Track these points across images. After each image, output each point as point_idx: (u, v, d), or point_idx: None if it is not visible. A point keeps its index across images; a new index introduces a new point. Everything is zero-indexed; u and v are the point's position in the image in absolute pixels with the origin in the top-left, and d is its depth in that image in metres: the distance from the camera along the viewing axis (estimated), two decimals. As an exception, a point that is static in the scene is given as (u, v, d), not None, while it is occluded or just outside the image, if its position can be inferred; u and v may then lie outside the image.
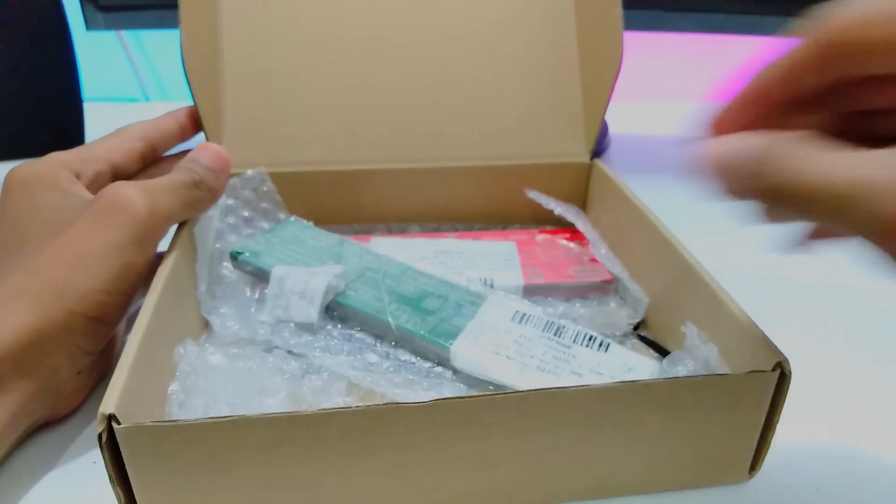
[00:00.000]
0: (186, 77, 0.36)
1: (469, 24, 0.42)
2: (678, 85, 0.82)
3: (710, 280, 0.28)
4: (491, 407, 0.22)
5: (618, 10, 0.40)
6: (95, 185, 0.30)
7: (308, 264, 0.34)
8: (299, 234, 0.37)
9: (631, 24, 0.40)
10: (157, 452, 0.21)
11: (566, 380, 0.28)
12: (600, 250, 0.38)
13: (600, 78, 0.41)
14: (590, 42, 0.42)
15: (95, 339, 0.27)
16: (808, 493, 0.26)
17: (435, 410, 0.22)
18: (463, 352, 0.30)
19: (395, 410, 0.22)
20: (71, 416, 0.29)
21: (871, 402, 0.31)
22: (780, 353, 0.24)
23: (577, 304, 0.37)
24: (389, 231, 0.43)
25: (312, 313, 0.31)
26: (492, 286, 0.36)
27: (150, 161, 0.35)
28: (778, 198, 0.17)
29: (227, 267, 0.35)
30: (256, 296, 0.35)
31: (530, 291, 0.37)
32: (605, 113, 0.41)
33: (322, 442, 0.22)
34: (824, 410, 0.30)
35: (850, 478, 0.27)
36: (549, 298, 0.37)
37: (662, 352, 0.33)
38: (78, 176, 0.30)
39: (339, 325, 0.32)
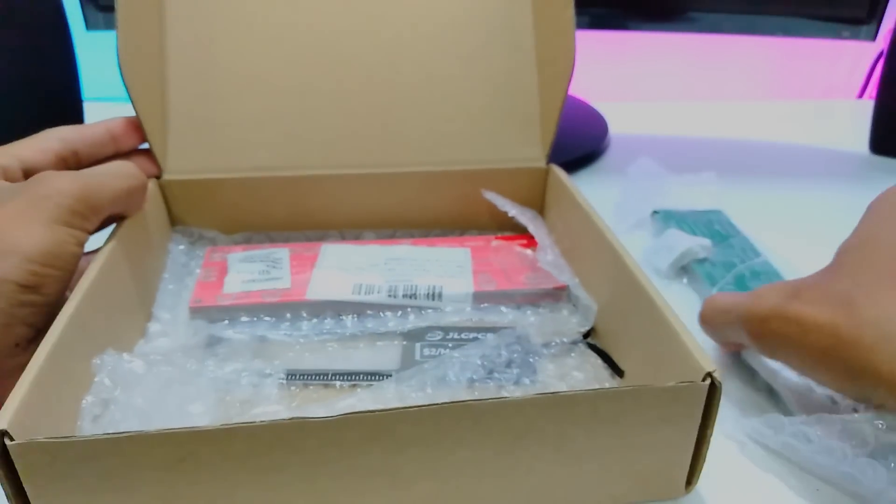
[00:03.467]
0: (123, 80, 0.35)
1: (423, 25, 0.41)
2: (678, 85, 0.81)
3: (648, 287, 0.27)
4: (404, 420, 0.21)
5: (570, 12, 0.39)
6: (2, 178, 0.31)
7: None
8: None
9: (631, 25, 0.39)
10: (52, 470, 0.20)
11: None
12: (547, 257, 0.37)
13: (554, 82, 0.40)
14: (546, 45, 0.41)
15: (32, 308, 0.27)
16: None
17: (344, 425, 0.21)
18: None
19: (301, 426, 0.21)
20: None
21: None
22: (712, 363, 0.23)
23: (528, 312, 0.36)
24: (343, 238, 0.42)
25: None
26: (440, 294, 0.35)
27: (73, 166, 0.34)
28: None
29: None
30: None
31: (480, 298, 0.36)
32: (559, 118, 0.40)
33: (226, 458, 0.21)
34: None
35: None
36: (500, 306, 0.36)
37: (609, 360, 0.32)
38: None
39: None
